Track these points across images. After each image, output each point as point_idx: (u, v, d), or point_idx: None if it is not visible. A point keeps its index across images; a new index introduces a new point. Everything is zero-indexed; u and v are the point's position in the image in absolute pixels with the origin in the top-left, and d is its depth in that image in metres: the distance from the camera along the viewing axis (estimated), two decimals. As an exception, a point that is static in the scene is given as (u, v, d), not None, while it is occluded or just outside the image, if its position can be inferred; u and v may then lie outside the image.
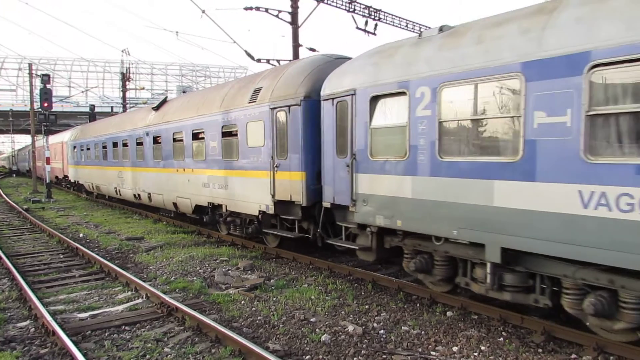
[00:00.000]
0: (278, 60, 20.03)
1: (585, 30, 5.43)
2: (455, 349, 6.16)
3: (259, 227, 11.83)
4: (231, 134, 12.39)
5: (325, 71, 10.01)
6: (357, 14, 20.54)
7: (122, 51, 40.13)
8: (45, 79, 28.50)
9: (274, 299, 8.27)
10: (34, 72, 34.25)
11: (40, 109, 28.81)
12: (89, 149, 26.04)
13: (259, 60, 20.12)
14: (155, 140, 17.07)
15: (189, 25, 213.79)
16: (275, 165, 10.75)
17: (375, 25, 21.08)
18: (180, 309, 7.33)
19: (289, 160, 10.39)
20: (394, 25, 22.63)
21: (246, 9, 19.33)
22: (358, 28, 20.66)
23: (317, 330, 6.85)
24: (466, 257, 7.10)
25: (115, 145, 21.49)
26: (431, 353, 6.07)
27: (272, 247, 12.07)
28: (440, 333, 6.67)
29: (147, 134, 17.66)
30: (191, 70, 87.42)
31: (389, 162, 7.95)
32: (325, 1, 19.65)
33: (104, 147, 23.02)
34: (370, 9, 20.96)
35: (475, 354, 6.01)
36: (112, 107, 51.43)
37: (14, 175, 69.98)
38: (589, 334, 6.03)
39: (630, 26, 5.01)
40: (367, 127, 8.31)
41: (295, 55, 19.96)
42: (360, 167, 8.52)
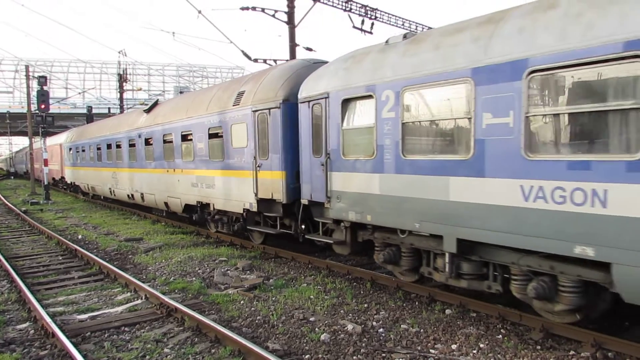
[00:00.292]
0: (275, 60, 20.02)
1: (525, 39, 5.91)
2: (454, 346, 6.17)
3: (244, 225, 12.33)
4: (217, 135, 12.78)
5: (304, 75, 10.39)
6: (354, 13, 20.51)
7: (119, 52, 40.14)
8: (42, 80, 28.39)
9: (273, 299, 8.27)
10: (30, 74, 34.18)
11: (37, 111, 28.75)
12: (84, 151, 26.40)
13: (255, 60, 20.13)
14: (147, 141, 17.49)
15: (186, 26, 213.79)
16: (257, 165, 11.20)
17: (372, 24, 21.10)
18: (180, 309, 7.33)
19: (270, 160, 10.82)
20: (390, 24, 22.65)
21: (242, 9, 19.33)
22: (354, 27, 20.62)
23: (317, 329, 6.85)
24: (428, 248, 7.61)
25: (109, 146, 21.87)
26: (430, 351, 6.08)
27: (258, 244, 12.51)
28: (439, 331, 6.68)
29: (139, 136, 18.09)
30: (188, 71, 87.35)
31: (359, 161, 8.41)
32: (322, 0, 19.62)
33: (99, 149, 23.45)
34: (367, 8, 20.90)
35: (474, 351, 6.02)
36: (110, 109, 51.28)
37: (12, 177, 69.86)
38: (588, 330, 6.07)
39: (561, 36, 5.51)
40: (340, 128, 8.78)
41: (292, 54, 19.95)
42: (334, 166, 8.99)
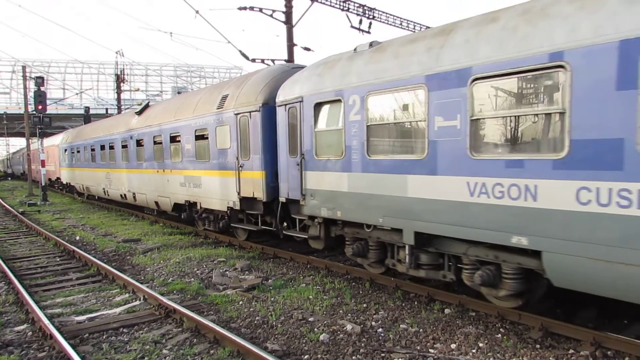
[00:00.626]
0: (273, 60, 19.99)
1: (469, 49, 6.46)
2: (453, 346, 6.17)
3: (228, 222, 12.90)
4: (203, 137, 13.37)
5: (283, 80, 10.85)
6: (351, 12, 20.52)
7: (116, 52, 40.05)
8: (39, 81, 28.32)
9: (272, 299, 8.26)
10: (28, 75, 34.07)
11: (34, 112, 28.70)
12: (79, 152, 26.91)
13: (253, 60, 20.10)
14: (139, 143, 18.07)
15: (183, 26, 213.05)
16: (239, 165, 11.80)
17: (370, 23, 21.11)
18: (178, 310, 7.31)
19: (251, 161, 11.40)
20: (388, 23, 22.68)
21: (240, 8, 19.30)
22: (352, 27, 20.62)
23: (316, 329, 6.84)
24: (391, 242, 8.17)
25: (102, 148, 22.39)
26: (429, 351, 6.08)
27: (242, 240, 13.06)
28: (438, 330, 6.67)
29: (131, 137, 18.68)
30: (186, 71, 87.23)
31: (330, 161, 8.99)
32: (319, 0, 19.62)
33: (93, 150, 23.98)
34: (365, 8, 20.91)
35: (474, 350, 6.02)
36: (107, 109, 51.18)
37: (9, 178, 69.69)
38: (587, 329, 6.08)
39: (500, 47, 6.06)
40: (313, 131, 9.35)
41: (290, 54, 19.95)
42: (308, 166, 9.57)
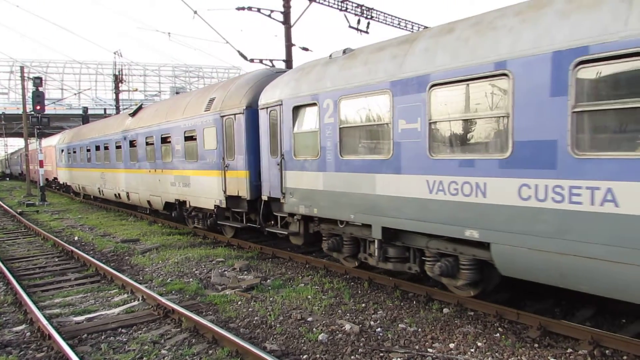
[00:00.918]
0: (271, 60, 19.98)
1: (428, 58, 6.98)
2: (452, 345, 6.18)
3: (215, 220, 13.39)
4: (192, 138, 13.89)
5: (266, 84, 11.32)
6: (350, 12, 20.47)
7: (115, 53, 39.92)
8: (38, 81, 28.29)
9: (271, 299, 8.26)
10: (26, 75, 34.02)
11: (32, 112, 28.64)
12: (75, 152, 27.46)
13: (252, 60, 20.06)
14: (132, 143, 18.60)
15: (181, 26, 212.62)
16: (225, 165, 12.33)
17: (368, 23, 20.99)
18: (177, 310, 7.30)
19: (236, 161, 11.92)
20: (386, 23, 22.60)
21: (238, 9, 19.28)
22: (350, 27, 20.61)
23: (314, 329, 6.84)
24: (363, 237, 8.68)
25: (97, 148, 22.96)
26: (428, 350, 6.08)
27: (229, 237, 13.55)
28: (437, 330, 6.68)
29: (125, 138, 19.21)
30: (184, 71, 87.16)
31: (307, 161, 9.48)
32: (318, 0, 19.61)
33: (88, 151, 24.53)
34: (363, 8, 20.89)
35: (472, 350, 6.02)
36: (105, 109, 51.03)
37: (8, 178, 69.57)
38: (585, 328, 6.12)
39: (454, 56, 6.56)
40: (291, 132, 9.86)
41: (289, 54, 19.93)
42: (287, 166, 10.08)
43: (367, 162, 8.05)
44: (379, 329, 6.80)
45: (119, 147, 19.97)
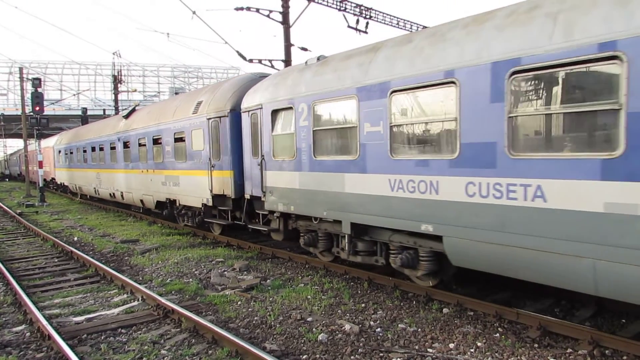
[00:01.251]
0: (270, 60, 20.03)
1: (389, 66, 7.55)
2: (451, 345, 6.17)
3: (203, 218, 13.96)
4: (181, 139, 14.52)
5: (249, 88, 11.79)
6: (348, 12, 20.50)
7: (114, 53, 39.94)
8: (37, 82, 28.38)
9: (271, 299, 8.26)
10: (25, 76, 33.99)
11: (31, 113, 28.65)
12: (72, 153, 28.12)
13: (251, 61, 20.10)
14: (125, 144, 19.21)
15: (180, 27, 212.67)
16: (212, 165, 12.91)
17: (367, 23, 21.03)
18: (177, 310, 7.31)
19: (221, 161, 12.49)
20: (385, 23, 22.61)
21: (237, 9, 19.31)
22: (349, 27, 20.63)
23: (314, 329, 6.84)
24: (335, 232, 9.23)
25: (93, 149, 23.61)
26: (428, 350, 6.08)
27: (217, 234, 14.13)
28: (436, 330, 6.68)
29: (119, 140, 19.87)
30: (183, 72, 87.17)
31: (285, 162, 10.03)
32: (316, 0, 19.62)
33: (84, 151, 25.22)
34: (362, 8, 20.92)
35: (472, 350, 6.02)
36: (105, 110, 51.04)
37: (7, 179, 69.50)
38: (585, 328, 6.13)
39: (411, 65, 7.12)
40: (270, 134, 10.44)
41: (287, 54, 19.96)
42: (267, 166, 10.64)
43: (337, 163, 8.64)
44: (378, 329, 6.80)
45: (113, 148, 20.59)
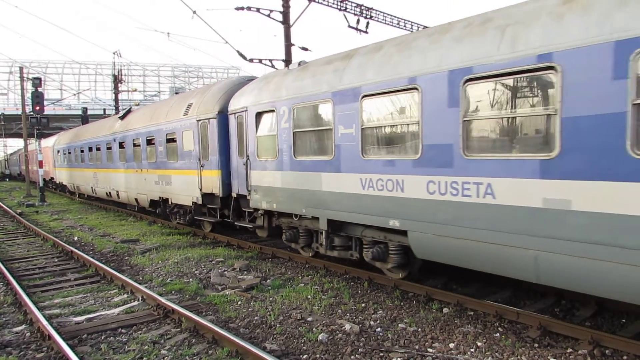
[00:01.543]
0: (270, 60, 20.05)
1: (361, 72, 8.06)
2: (452, 345, 6.17)
3: (193, 216, 14.46)
4: (173, 140, 15.07)
5: (237, 91, 12.22)
6: (349, 12, 20.55)
7: (114, 53, 39.95)
8: (37, 82, 28.43)
9: (271, 299, 8.26)
10: (25, 76, 33.95)
11: (32, 113, 28.68)
12: (70, 153, 28.64)
13: (251, 60, 20.14)
14: (121, 145, 19.73)
15: (181, 26, 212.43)
16: (201, 165, 13.44)
17: (367, 23, 21.06)
18: (177, 310, 7.31)
19: (210, 162, 13.01)
20: (385, 23, 22.67)
21: (237, 9, 19.33)
22: (350, 27, 20.66)
23: (314, 329, 6.84)
24: (314, 228, 9.70)
25: (90, 149, 24.22)
26: (428, 350, 6.07)
27: (207, 231, 14.70)
28: (436, 330, 6.68)
29: (115, 140, 20.41)
30: (184, 72, 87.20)
31: (268, 161, 10.54)
32: (317, 0, 19.62)
33: (82, 152, 25.81)
34: (362, 8, 20.95)
35: (472, 350, 6.02)
36: (105, 110, 51.07)
37: (7, 179, 69.52)
38: (585, 328, 6.12)
39: (379, 72, 7.67)
40: (255, 136, 10.97)
41: (288, 54, 19.98)
42: (252, 166, 11.16)
43: (315, 163, 9.16)
44: (378, 329, 6.80)
45: (109, 149, 21.18)
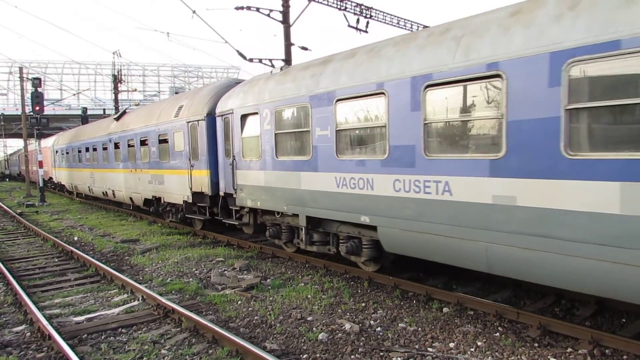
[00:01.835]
0: (270, 60, 19.97)
1: (335, 77, 8.52)
2: (452, 345, 6.17)
3: (184, 214, 14.92)
4: (165, 141, 15.61)
5: (225, 94, 12.64)
6: (349, 12, 20.53)
7: (114, 53, 39.94)
8: (37, 82, 28.44)
9: (271, 299, 8.27)
10: (24, 76, 33.96)
11: (31, 113, 28.67)
12: (68, 154, 29.17)
13: (251, 60, 20.03)
14: (116, 145, 20.36)
15: (180, 26, 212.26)
16: (191, 165, 13.99)
17: (367, 23, 21.04)
18: (177, 310, 7.31)
19: (199, 162, 13.55)
20: (385, 22, 22.65)
21: (237, 8, 19.28)
22: (350, 26, 20.64)
23: (314, 329, 6.84)
24: (295, 225, 10.14)
25: (87, 150, 24.79)
26: (428, 349, 6.08)
27: (198, 229, 15.29)
28: (436, 329, 6.68)
29: (110, 141, 21.07)
30: (183, 71, 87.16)
31: (252, 161, 11.03)
32: (317, 0, 19.60)
33: (79, 152, 26.37)
34: (362, 7, 20.94)
35: (472, 349, 6.02)
36: (105, 110, 51.07)
37: (7, 179, 69.51)
38: (585, 327, 6.12)
39: (351, 77, 8.15)
40: (240, 137, 11.45)
41: (288, 54, 19.96)
42: (238, 165, 11.66)
43: (295, 162, 9.62)
44: (378, 329, 6.80)
45: (105, 149, 21.81)
